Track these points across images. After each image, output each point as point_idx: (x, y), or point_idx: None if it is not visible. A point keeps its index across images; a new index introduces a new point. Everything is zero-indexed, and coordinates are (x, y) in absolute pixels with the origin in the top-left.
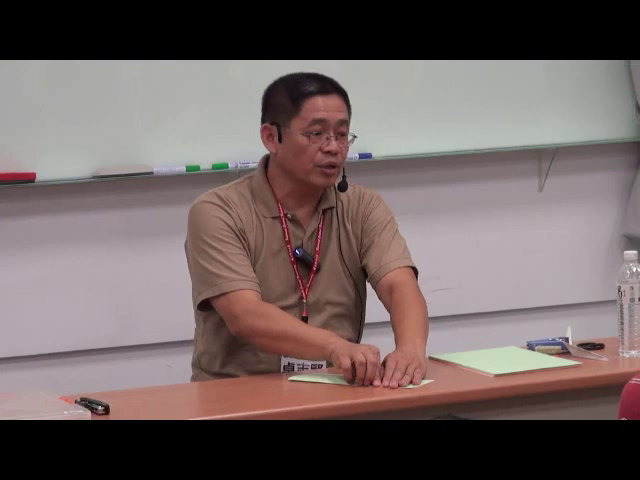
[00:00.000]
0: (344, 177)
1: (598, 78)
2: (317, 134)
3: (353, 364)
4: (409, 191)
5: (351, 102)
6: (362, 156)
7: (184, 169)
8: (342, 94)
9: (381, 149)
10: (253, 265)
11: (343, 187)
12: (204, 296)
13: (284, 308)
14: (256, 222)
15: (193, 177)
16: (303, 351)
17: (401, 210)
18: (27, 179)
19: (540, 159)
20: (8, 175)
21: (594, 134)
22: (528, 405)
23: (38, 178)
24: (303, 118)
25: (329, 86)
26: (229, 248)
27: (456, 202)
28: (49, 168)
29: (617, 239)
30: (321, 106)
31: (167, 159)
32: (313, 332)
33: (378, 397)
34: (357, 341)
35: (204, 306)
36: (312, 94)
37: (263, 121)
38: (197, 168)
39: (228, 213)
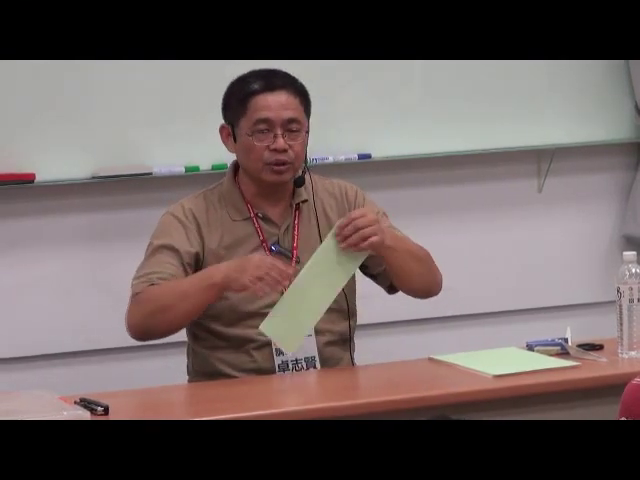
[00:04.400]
0: (304, 172)
1: (597, 79)
2: (263, 132)
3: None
4: (408, 192)
5: (350, 102)
6: (361, 157)
7: (183, 170)
8: (293, 89)
9: (380, 149)
10: None
11: (299, 183)
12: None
13: (269, 307)
14: (225, 226)
15: (192, 177)
16: (197, 301)
17: (400, 211)
18: (26, 179)
19: (539, 160)
20: (7, 175)
21: (593, 135)
22: (527, 406)
23: (37, 178)
24: (248, 118)
25: (277, 82)
26: (159, 257)
27: (455, 203)
28: (48, 168)
29: (616, 240)
30: (265, 105)
31: (166, 159)
32: (190, 280)
33: (377, 398)
34: (350, 334)
35: None
36: (257, 93)
37: (223, 120)
38: (196, 169)
39: (184, 226)
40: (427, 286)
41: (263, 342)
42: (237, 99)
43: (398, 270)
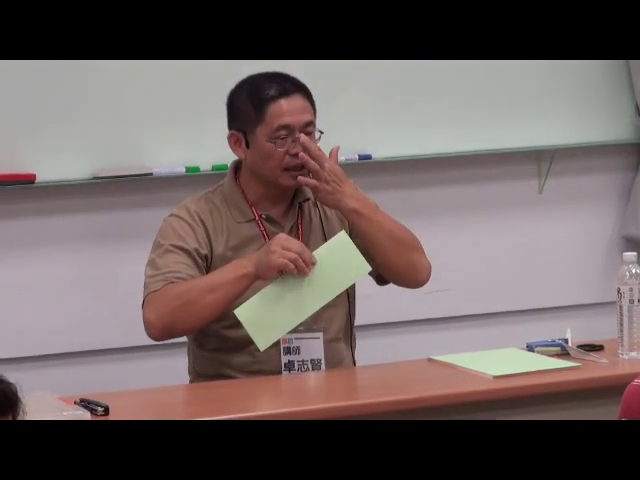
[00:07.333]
0: None
1: (597, 80)
2: (283, 138)
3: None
4: (408, 192)
5: (351, 103)
6: (362, 157)
7: (184, 170)
8: (304, 92)
9: (381, 150)
10: None
11: None
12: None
13: None
14: (230, 229)
15: (193, 178)
16: (227, 293)
17: (400, 211)
18: (27, 180)
19: (539, 161)
20: (8, 176)
21: (593, 136)
22: (527, 407)
23: (38, 179)
24: (267, 125)
25: (290, 86)
26: (173, 257)
27: (455, 204)
28: (49, 169)
29: (616, 241)
30: (285, 110)
31: (167, 160)
32: (219, 273)
33: (376, 399)
34: (350, 331)
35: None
36: (274, 98)
37: (230, 127)
38: (197, 169)
39: (192, 229)
40: (407, 268)
41: None
42: (252, 106)
43: (370, 243)
